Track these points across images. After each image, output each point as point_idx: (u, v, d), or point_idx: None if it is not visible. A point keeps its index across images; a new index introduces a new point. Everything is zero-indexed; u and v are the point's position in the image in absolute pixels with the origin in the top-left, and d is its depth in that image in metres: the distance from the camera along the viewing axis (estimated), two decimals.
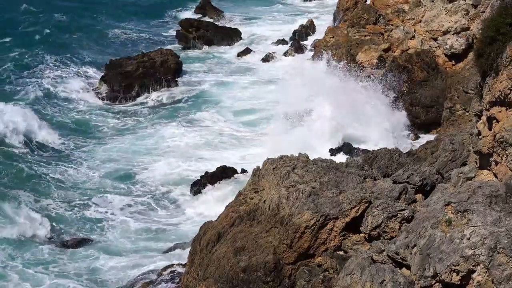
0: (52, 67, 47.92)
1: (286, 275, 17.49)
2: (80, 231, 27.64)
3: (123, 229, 27.63)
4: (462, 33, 36.66)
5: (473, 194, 13.72)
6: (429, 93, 35.59)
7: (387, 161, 21.19)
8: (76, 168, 33.13)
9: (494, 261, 12.55)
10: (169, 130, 37.57)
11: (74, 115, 40.75)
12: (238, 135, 37.22)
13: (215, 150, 35.18)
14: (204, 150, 35.21)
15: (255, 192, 20.03)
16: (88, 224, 28.07)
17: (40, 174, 32.06)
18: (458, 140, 19.88)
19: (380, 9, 45.17)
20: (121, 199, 29.94)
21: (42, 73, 46.38)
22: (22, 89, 43.50)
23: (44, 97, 42.74)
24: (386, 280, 14.02)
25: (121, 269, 24.65)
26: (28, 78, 45.42)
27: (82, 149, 35.65)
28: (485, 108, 14.92)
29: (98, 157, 34.53)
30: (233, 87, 45.05)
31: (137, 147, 35.68)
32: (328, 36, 44.78)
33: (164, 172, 32.51)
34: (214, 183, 30.28)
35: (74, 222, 28.22)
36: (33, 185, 30.85)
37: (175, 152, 34.67)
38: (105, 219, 28.33)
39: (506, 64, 13.99)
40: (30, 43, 51.96)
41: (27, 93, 42.77)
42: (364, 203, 17.32)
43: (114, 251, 26.01)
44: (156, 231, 27.52)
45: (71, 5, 63.72)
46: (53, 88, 44.17)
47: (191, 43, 54.57)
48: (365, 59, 39.53)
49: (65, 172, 32.63)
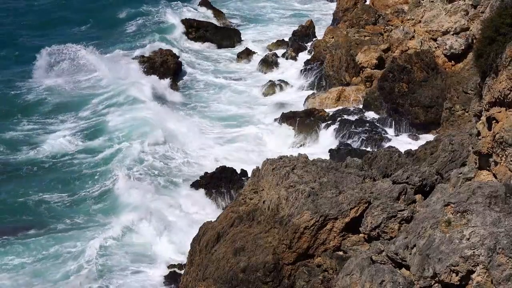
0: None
1: (285, 276, 17.49)
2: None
3: None
4: (462, 33, 36.67)
5: (473, 195, 13.70)
6: (428, 94, 35.60)
7: (386, 161, 21.21)
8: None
9: (493, 262, 12.55)
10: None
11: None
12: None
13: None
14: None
15: (254, 193, 20.04)
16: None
17: None
18: (457, 140, 19.90)
19: (379, 9, 45.24)
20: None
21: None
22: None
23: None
24: (385, 280, 14.01)
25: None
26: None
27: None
28: (485, 108, 14.92)
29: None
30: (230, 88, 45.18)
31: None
32: (328, 37, 44.85)
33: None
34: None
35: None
36: None
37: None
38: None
39: (506, 65, 13.98)
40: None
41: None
42: (363, 204, 17.33)
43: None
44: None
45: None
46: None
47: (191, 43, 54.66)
48: (364, 59, 39.56)
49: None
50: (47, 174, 32.67)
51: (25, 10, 64.38)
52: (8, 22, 60.09)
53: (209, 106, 42.46)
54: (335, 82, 41.19)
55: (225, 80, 46.84)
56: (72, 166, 33.41)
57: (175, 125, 37.76)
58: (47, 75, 45.49)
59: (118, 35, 56.49)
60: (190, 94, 44.59)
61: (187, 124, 38.32)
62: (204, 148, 35.81)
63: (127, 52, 50.63)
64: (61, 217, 28.64)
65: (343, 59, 40.82)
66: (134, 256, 25.91)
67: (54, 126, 38.61)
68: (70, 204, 29.81)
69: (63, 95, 43.15)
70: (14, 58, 50.54)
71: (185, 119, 39.85)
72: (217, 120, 40.41)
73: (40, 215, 28.74)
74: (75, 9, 64.58)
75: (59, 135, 36.86)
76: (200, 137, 37.07)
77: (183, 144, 36.04)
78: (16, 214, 28.82)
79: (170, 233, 27.38)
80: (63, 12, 63.59)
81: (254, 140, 36.76)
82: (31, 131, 37.79)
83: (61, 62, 46.72)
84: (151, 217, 28.23)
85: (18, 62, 49.48)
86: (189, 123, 38.81)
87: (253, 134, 37.42)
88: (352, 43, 42.47)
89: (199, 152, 35.32)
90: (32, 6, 66.08)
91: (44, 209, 29.17)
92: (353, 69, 40.67)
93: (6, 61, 49.87)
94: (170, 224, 28.00)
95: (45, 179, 32.02)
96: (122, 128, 37.16)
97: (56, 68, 46.28)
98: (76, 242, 26.38)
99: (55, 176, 32.31)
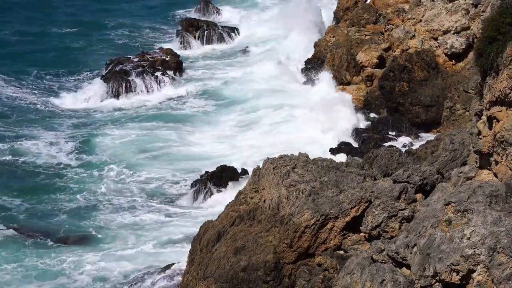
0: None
1: (286, 275, 17.49)
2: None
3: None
4: (462, 32, 36.66)
5: (473, 194, 13.71)
6: (429, 93, 35.59)
7: (387, 160, 21.20)
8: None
9: (494, 261, 12.55)
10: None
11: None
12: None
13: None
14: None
15: (255, 192, 20.04)
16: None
17: None
18: (458, 139, 19.89)
19: (380, 8, 45.16)
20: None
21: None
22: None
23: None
24: (386, 279, 14.02)
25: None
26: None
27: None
28: (485, 107, 14.92)
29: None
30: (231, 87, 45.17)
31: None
32: (328, 36, 44.78)
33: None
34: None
35: None
36: None
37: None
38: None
39: (506, 64, 13.98)
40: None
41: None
42: (364, 203, 17.32)
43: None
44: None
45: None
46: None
47: (191, 42, 54.63)
48: (365, 58, 39.52)
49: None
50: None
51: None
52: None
53: (209, 105, 42.45)
54: (335, 81, 41.16)
55: (225, 79, 46.80)
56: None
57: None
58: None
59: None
60: (190, 93, 44.55)
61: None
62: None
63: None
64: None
65: (344, 58, 40.77)
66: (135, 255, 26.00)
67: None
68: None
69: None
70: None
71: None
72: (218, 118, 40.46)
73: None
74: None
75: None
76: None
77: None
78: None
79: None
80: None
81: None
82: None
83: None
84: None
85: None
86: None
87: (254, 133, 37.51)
88: (353, 42, 42.42)
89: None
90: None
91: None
92: (353, 68, 40.62)
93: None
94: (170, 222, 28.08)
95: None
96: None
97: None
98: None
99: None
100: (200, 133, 37.59)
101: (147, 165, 33.73)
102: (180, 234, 27.11)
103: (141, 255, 25.77)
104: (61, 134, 37.56)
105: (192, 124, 39.13)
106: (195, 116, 40.64)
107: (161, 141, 36.34)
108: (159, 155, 34.85)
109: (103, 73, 46.10)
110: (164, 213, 29.22)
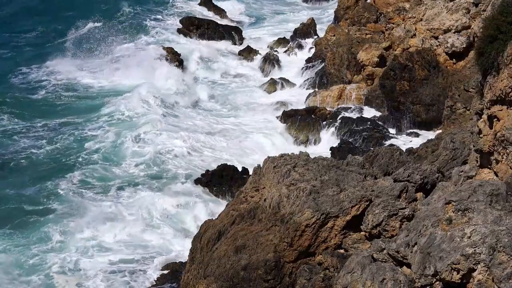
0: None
1: (286, 274, 17.50)
2: None
3: None
4: (463, 31, 36.66)
5: (474, 193, 13.70)
6: (430, 92, 35.59)
7: (387, 159, 21.19)
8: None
9: (494, 260, 12.55)
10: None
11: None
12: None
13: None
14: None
15: (255, 191, 20.04)
16: None
17: None
18: (458, 138, 19.91)
19: (381, 7, 45.20)
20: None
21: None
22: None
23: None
24: (386, 278, 14.02)
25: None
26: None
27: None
28: (486, 106, 14.93)
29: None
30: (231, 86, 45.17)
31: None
32: (329, 35, 44.81)
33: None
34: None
35: None
36: None
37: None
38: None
39: (507, 63, 13.99)
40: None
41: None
42: (364, 202, 17.32)
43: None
44: None
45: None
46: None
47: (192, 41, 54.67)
48: (366, 57, 39.53)
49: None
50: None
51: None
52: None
53: (209, 105, 42.46)
54: (336, 80, 41.20)
55: (226, 78, 46.81)
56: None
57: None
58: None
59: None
60: (190, 92, 44.57)
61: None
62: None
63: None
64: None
65: (344, 57, 40.81)
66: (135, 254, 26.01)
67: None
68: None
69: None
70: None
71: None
72: (217, 117, 40.42)
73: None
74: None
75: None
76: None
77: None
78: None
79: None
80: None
81: (256, 138, 36.77)
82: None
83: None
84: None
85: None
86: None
87: (255, 133, 37.47)
88: (354, 41, 42.45)
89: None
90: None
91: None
92: (354, 67, 40.66)
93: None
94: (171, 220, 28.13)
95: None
96: None
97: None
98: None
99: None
100: None
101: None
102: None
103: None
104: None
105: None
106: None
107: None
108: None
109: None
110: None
